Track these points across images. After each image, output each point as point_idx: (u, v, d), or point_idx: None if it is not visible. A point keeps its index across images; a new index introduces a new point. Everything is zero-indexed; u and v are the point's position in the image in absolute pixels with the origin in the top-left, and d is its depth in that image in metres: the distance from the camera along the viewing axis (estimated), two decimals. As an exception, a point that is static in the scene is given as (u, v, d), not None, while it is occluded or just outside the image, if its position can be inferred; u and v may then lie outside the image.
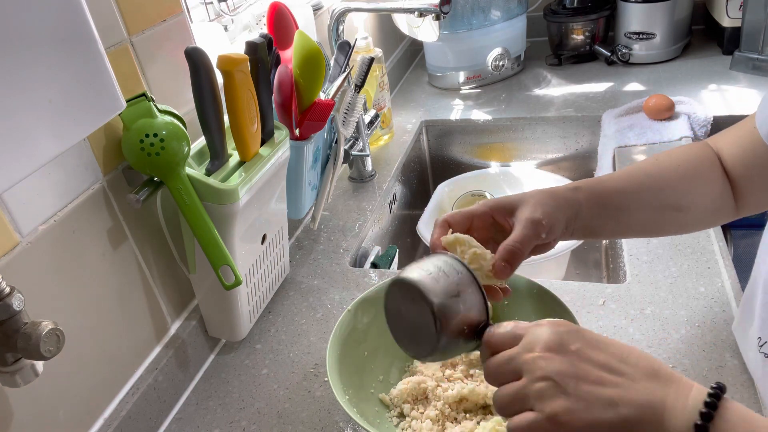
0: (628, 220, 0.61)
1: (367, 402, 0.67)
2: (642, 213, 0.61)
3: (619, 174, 0.62)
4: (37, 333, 0.48)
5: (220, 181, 0.67)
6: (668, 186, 0.61)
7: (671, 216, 0.62)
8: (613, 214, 0.60)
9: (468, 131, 1.39)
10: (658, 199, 0.61)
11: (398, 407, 0.67)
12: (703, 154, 0.63)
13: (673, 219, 0.62)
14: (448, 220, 0.58)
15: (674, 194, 0.61)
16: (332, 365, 0.64)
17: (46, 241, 0.58)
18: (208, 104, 0.65)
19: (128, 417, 0.68)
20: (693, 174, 0.62)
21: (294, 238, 1.04)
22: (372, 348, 0.71)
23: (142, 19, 0.68)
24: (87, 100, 0.42)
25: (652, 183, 0.61)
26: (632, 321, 0.75)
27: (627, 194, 0.60)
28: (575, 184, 0.60)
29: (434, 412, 0.65)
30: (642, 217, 0.61)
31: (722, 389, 0.40)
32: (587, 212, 0.58)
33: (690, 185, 0.62)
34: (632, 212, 0.61)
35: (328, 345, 0.65)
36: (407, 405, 0.67)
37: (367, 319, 0.71)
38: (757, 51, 1.30)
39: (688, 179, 0.62)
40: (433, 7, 1.00)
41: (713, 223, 0.66)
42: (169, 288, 0.76)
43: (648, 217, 0.61)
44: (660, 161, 0.63)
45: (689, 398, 0.39)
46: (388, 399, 0.68)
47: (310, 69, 0.78)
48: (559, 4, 1.53)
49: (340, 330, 0.67)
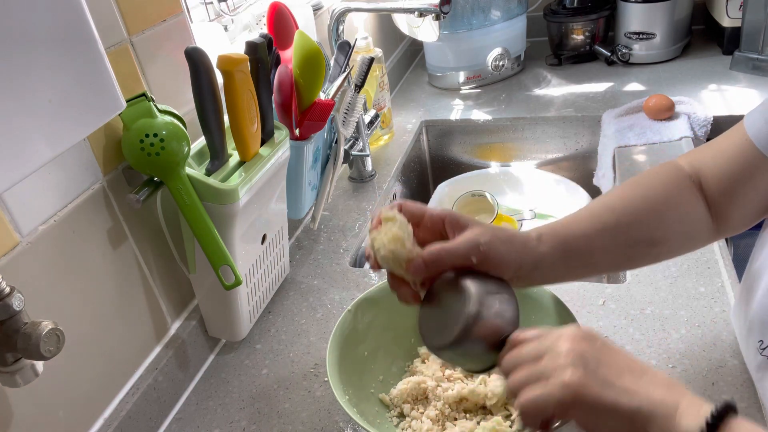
0: (597, 261, 0.58)
1: (367, 402, 0.67)
2: (611, 253, 0.58)
3: (583, 215, 0.58)
4: (37, 333, 0.48)
5: (220, 181, 0.67)
6: (636, 220, 0.57)
7: (643, 250, 0.59)
8: (579, 259, 0.57)
9: (468, 131, 1.39)
10: (627, 236, 0.57)
11: (398, 407, 0.67)
12: (674, 177, 0.60)
13: (645, 253, 0.59)
14: (402, 204, 0.56)
15: (644, 228, 0.58)
16: (332, 365, 0.64)
17: (46, 241, 0.58)
18: (208, 104, 0.65)
19: (128, 417, 0.68)
20: (663, 202, 0.58)
21: (294, 238, 1.04)
22: (372, 348, 0.71)
23: (142, 19, 0.68)
24: (87, 100, 0.42)
25: (619, 220, 0.57)
26: (632, 321, 0.75)
27: (592, 237, 0.56)
28: (538, 231, 0.56)
29: (434, 412, 0.65)
30: (611, 258, 0.58)
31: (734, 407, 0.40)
32: (550, 262, 0.55)
33: (661, 215, 0.58)
34: (600, 254, 0.57)
35: (328, 345, 0.65)
36: (407, 405, 0.67)
37: (368, 319, 0.71)
38: (757, 51, 1.30)
39: (659, 209, 0.58)
40: (433, 7, 1.00)
41: (690, 250, 0.62)
42: (169, 288, 0.76)
43: (618, 255, 0.58)
44: (625, 193, 0.59)
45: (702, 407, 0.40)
46: (388, 399, 0.68)
47: (310, 69, 0.78)
48: (559, 4, 1.53)
49: (341, 330, 0.67)
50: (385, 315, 0.72)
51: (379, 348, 0.71)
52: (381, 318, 0.72)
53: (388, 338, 0.72)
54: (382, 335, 0.72)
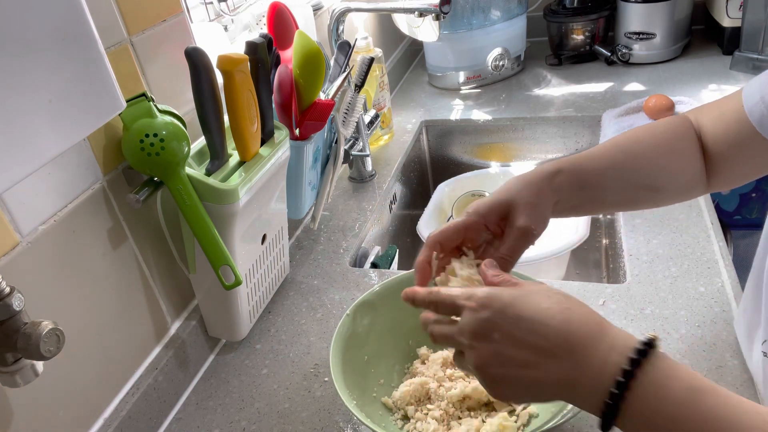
0: (605, 198, 0.62)
1: (371, 406, 0.67)
2: (618, 192, 0.62)
3: (598, 152, 0.62)
4: (37, 333, 0.48)
5: (220, 181, 0.67)
6: (645, 166, 0.62)
7: (645, 195, 0.63)
8: (591, 194, 0.61)
9: (468, 131, 1.39)
10: (635, 179, 0.61)
11: (402, 410, 0.67)
12: (683, 131, 0.63)
13: (647, 197, 0.63)
14: (440, 242, 0.59)
15: (650, 174, 0.62)
16: (336, 371, 0.63)
17: (46, 241, 0.58)
18: (208, 104, 0.65)
19: (128, 417, 0.68)
20: (671, 152, 0.62)
21: (294, 238, 1.04)
22: (372, 352, 0.71)
23: (142, 19, 0.68)
24: (87, 100, 0.42)
25: (630, 162, 0.61)
26: (632, 321, 0.75)
27: (605, 175, 0.60)
28: (557, 166, 0.60)
29: (438, 412, 0.65)
30: (617, 196, 0.63)
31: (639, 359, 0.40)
32: (568, 195, 0.59)
33: (667, 164, 0.62)
34: (609, 192, 0.61)
35: (331, 350, 0.65)
36: (411, 407, 0.66)
37: (366, 322, 0.71)
38: (757, 51, 1.30)
39: (666, 158, 0.62)
40: (433, 7, 1.00)
41: (684, 199, 0.67)
42: (169, 288, 0.76)
43: (623, 196, 0.63)
44: (639, 138, 0.63)
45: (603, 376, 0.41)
46: (391, 402, 0.68)
47: (310, 69, 0.78)
48: (559, 4, 1.53)
49: (341, 335, 0.67)
50: (382, 318, 0.72)
51: (379, 351, 0.71)
52: (379, 321, 0.72)
53: (387, 341, 0.72)
54: (381, 338, 0.72)
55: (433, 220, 1.20)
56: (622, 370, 0.40)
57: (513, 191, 0.58)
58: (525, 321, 0.44)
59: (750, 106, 0.58)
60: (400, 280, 0.73)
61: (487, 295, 0.46)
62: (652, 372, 0.40)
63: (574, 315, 0.44)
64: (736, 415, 0.37)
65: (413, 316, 0.55)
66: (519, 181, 0.59)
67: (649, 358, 0.40)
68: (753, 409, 0.38)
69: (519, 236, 0.56)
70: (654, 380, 0.39)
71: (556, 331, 0.43)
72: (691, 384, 0.39)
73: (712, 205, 0.94)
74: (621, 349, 0.41)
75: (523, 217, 0.57)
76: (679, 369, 0.40)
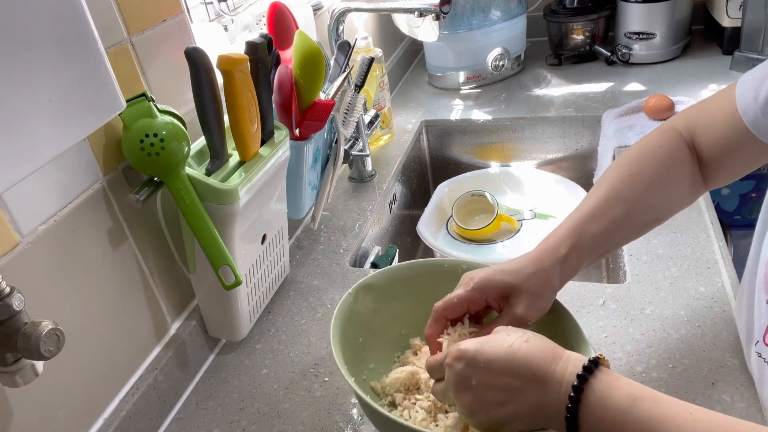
0: (613, 249, 0.65)
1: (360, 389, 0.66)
2: (626, 239, 0.65)
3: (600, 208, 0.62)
4: (37, 333, 0.48)
5: (220, 181, 0.67)
6: (648, 207, 0.62)
7: (651, 227, 0.65)
8: (600, 254, 0.62)
9: (468, 131, 1.39)
10: (640, 222, 0.63)
11: (390, 396, 0.67)
12: (675, 150, 0.63)
13: (652, 228, 0.66)
14: (445, 315, 0.61)
15: (654, 211, 0.63)
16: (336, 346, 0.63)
17: (46, 241, 0.58)
18: (208, 104, 0.65)
19: (128, 417, 0.68)
20: (668, 181, 0.62)
21: (294, 238, 1.04)
22: (368, 335, 0.71)
23: (142, 19, 0.68)
24: (87, 100, 0.42)
25: (634, 211, 0.62)
26: (632, 321, 0.75)
27: (611, 234, 0.61)
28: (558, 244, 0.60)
29: (427, 403, 0.65)
30: (623, 241, 0.65)
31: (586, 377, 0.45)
32: (576, 265, 0.61)
33: (667, 195, 0.63)
34: (618, 243, 0.64)
35: (332, 325, 0.65)
36: (399, 394, 0.66)
37: (367, 304, 0.71)
38: (757, 51, 1.30)
39: (665, 190, 0.62)
40: (433, 7, 1.00)
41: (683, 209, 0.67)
42: (169, 288, 0.76)
43: (631, 238, 0.65)
44: (634, 179, 0.62)
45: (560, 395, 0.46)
46: (380, 387, 0.68)
47: (310, 69, 0.78)
48: (559, 4, 1.53)
49: (342, 311, 0.67)
50: (381, 303, 0.72)
51: (375, 335, 0.71)
52: (378, 306, 0.72)
53: (383, 327, 0.72)
54: (378, 323, 0.72)
55: (433, 220, 1.20)
56: (572, 387, 0.45)
57: (520, 276, 0.59)
58: (493, 362, 0.49)
59: (743, 107, 0.58)
60: (401, 268, 0.73)
61: (459, 349, 0.51)
62: (597, 385, 0.45)
63: (534, 345, 0.49)
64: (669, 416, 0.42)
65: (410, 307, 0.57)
66: (530, 264, 0.60)
67: (595, 374, 0.45)
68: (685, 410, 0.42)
69: (512, 321, 0.58)
70: (599, 392, 0.44)
71: (520, 364, 0.48)
72: (630, 392, 0.44)
73: (712, 205, 0.94)
74: (572, 368, 0.46)
75: (522, 306, 0.58)
76: (620, 380, 0.45)
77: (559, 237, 0.61)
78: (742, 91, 0.58)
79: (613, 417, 0.43)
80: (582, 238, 0.60)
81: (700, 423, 0.41)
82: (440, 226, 1.22)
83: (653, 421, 0.42)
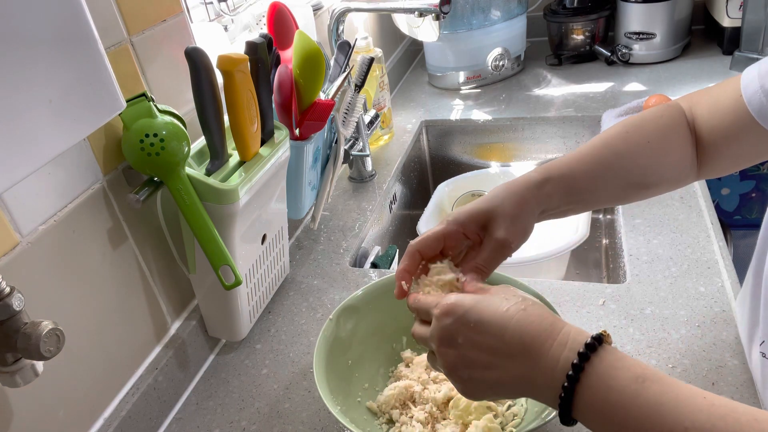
0: (594, 199, 0.62)
1: (356, 411, 0.66)
2: (608, 193, 0.62)
3: (588, 153, 0.61)
4: (37, 333, 0.48)
5: (220, 181, 0.67)
6: (636, 165, 0.61)
7: (635, 192, 0.63)
8: (580, 197, 0.60)
9: (468, 131, 1.39)
10: (625, 179, 0.61)
11: (386, 414, 0.67)
12: (675, 124, 0.62)
13: (637, 194, 0.63)
14: (419, 250, 0.58)
15: (641, 173, 0.61)
16: (320, 376, 0.63)
17: (46, 241, 0.58)
18: (208, 104, 0.65)
19: (128, 417, 0.68)
20: (662, 148, 0.61)
21: (294, 238, 1.04)
22: (355, 356, 0.71)
23: (142, 19, 0.68)
24: (87, 100, 0.42)
25: (621, 164, 0.60)
26: (632, 321, 0.75)
27: (596, 178, 0.60)
28: (545, 173, 0.59)
29: (423, 414, 0.65)
30: (607, 196, 0.63)
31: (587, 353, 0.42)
32: (557, 202, 0.59)
33: (658, 161, 0.61)
34: (599, 193, 0.61)
35: (314, 355, 0.65)
36: (395, 411, 0.66)
37: (349, 326, 0.71)
38: (757, 51, 1.30)
39: (657, 154, 0.61)
40: (433, 7, 1.00)
41: (673, 189, 0.66)
42: (169, 288, 0.76)
43: (613, 195, 0.63)
44: (630, 136, 0.61)
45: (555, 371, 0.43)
46: (376, 406, 0.68)
47: (310, 69, 0.78)
48: (559, 4, 1.53)
49: (324, 339, 0.67)
50: (365, 322, 0.72)
51: (363, 355, 0.71)
52: (362, 325, 0.72)
53: (371, 345, 0.72)
54: (365, 343, 0.72)
55: (433, 220, 1.20)
56: (571, 365, 0.42)
57: (495, 201, 0.58)
58: (484, 324, 0.47)
59: (749, 95, 0.57)
60: (383, 284, 0.73)
61: (451, 302, 0.49)
62: (600, 365, 0.42)
63: (530, 316, 0.46)
64: (681, 400, 0.39)
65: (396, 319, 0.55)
66: (503, 189, 0.58)
67: (598, 352, 0.42)
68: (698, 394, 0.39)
69: (495, 248, 0.56)
70: (602, 372, 0.42)
71: (512, 333, 0.46)
72: (637, 374, 0.41)
73: (712, 205, 0.94)
74: (571, 345, 0.43)
75: (502, 229, 0.56)
76: (626, 360, 0.42)
77: (539, 167, 0.60)
78: (748, 81, 0.58)
79: (618, 400, 0.40)
80: (563, 169, 0.59)
81: (716, 408, 0.38)
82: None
83: (664, 406, 0.39)
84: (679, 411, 0.38)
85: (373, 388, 0.71)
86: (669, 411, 0.38)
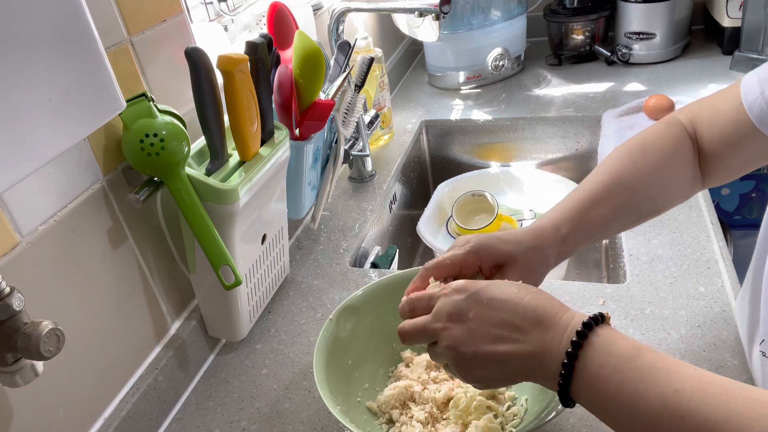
0: (606, 235, 0.64)
1: (355, 411, 0.66)
2: (621, 227, 0.65)
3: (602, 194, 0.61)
4: (37, 333, 0.48)
5: (220, 181, 0.67)
6: (647, 197, 0.62)
7: (646, 219, 0.65)
8: (596, 239, 0.63)
9: (468, 131, 1.39)
10: (638, 212, 0.63)
11: (386, 414, 0.67)
12: (679, 142, 0.63)
13: (648, 219, 0.65)
14: (434, 275, 0.58)
15: (653, 202, 0.63)
16: (320, 375, 0.63)
17: (46, 241, 0.58)
18: (208, 104, 0.65)
19: (128, 417, 0.68)
20: (670, 173, 0.62)
21: (294, 238, 1.04)
22: (355, 356, 0.71)
23: (142, 19, 0.68)
24: (87, 100, 0.42)
25: (633, 201, 0.62)
26: (632, 321, 0.75)
27: (610, 220, 0.61)
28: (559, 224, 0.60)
29: (423, 414, 0.65)
30: (619, 229, 0.65)
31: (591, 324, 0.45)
32: (572, 248, 0.60)
33: (667, 186, 0.63)
34: (612, 231, 0.64)
35: (314, 355, 0.65)
36: (395, 411, 0.66)
37: (349, 326, 0.71)
38: (757, 51, 1.30)
39: (665, 181, 0.62)
40: (433, 7, 1.00)
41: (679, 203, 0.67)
42: (169, 288, 0.76)
43: (625, 227, 0.65)
44: (637, 165, 0.62)
45: (562, 341, 0.45)
46: (376, 406, 0.68)
47: (310, 69, 0.78)
48: (559, 4, 1.53)
49: (324, 340, 0.67)
50: (365, 322, 0.72)
51: (363, 355, 0.71)
52: (362, 325, 0.72)
53: (371, 345, 0.72)
54: (364, 343, 0.72)
55: (433, 220, 1.20)
56: (576, 332, 0.45)
57: (519, 247, 0.58)
58: (498, 300, 0.48)
59: (749, 102, 0.57)
60: (383, 284, 0.73)
61: (462, 282, 0.51)
62: (602, 332, 0.45)
63: (540, 296, 0.49)
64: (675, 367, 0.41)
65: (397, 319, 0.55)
66: (530, 238, 0.59)
67: (601, 324, 0.46)
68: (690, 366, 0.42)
69: None
70: (603, 339, 0.44)
71: (525, 307, 0.47)
72: (634, 344, 0.44)
73: (712, 205, 0.94)
74: (578, 318, 0.46)
75: (515, 276, 0.57)
76: (625, 335, 0.45)
77: (560, 217, 0.60)
78: (748, 87, 0.58)
79: (615, 364, 0.42)
80: (583, 221, 0.60)
81: (706, 376, 0.40)
82: (440, 226, 1.22)
83: (657, 371, 0.41)
84: (671, 375, 0.41)
85: (373, 388, 0.71)
86: (662, 375, 0.41)
